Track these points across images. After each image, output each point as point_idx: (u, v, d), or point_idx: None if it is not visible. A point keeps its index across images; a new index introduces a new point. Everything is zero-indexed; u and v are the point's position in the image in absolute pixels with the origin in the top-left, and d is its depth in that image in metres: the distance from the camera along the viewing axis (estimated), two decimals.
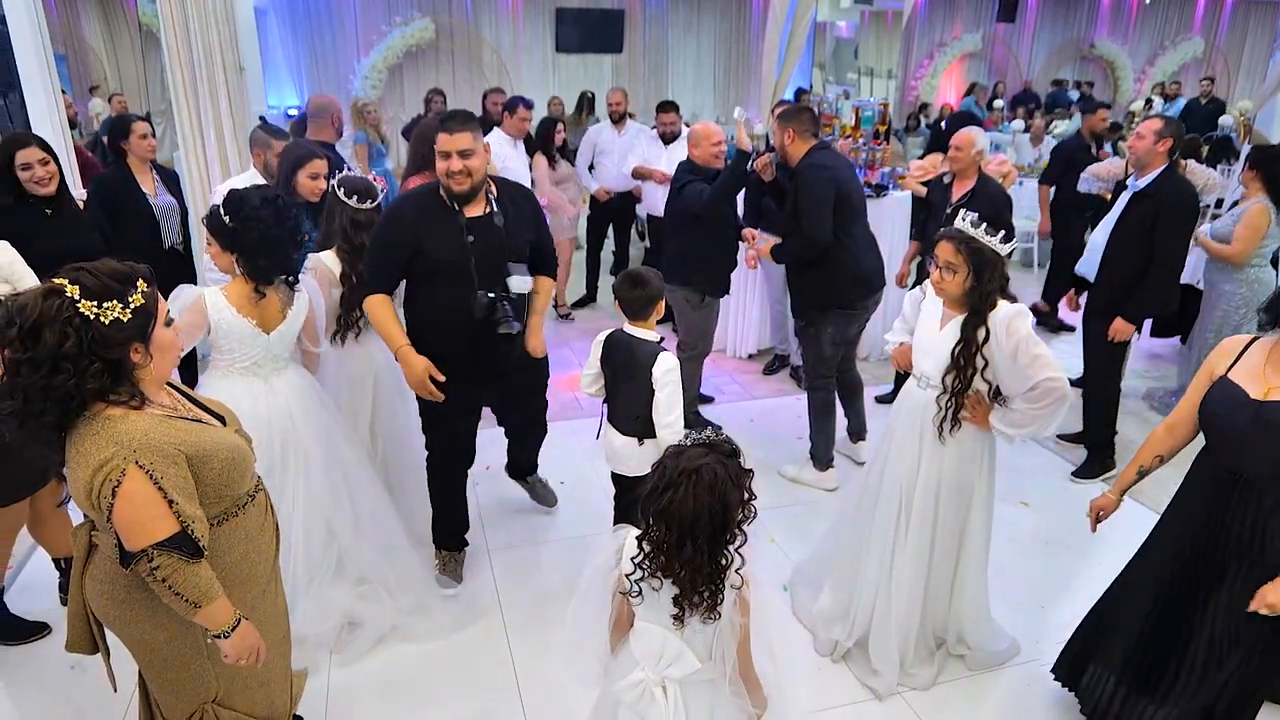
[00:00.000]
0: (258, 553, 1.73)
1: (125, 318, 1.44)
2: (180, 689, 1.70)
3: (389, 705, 2.40)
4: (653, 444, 2.48)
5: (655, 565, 1.48)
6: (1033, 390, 2.18)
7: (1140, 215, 3.42)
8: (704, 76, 11.20)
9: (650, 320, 2.47)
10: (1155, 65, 12.92)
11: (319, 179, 3.06)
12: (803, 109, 3.68)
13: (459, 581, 2.86)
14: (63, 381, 1.40)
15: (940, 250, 2.23)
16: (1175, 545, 2.05)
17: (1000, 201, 3.82)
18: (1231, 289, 3.99)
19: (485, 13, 10.03)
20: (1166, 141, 3.40)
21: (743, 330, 5.15)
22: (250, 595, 1.72)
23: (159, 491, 1.46)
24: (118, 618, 1.62)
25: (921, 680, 2.48)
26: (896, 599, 2.44)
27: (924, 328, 2.39)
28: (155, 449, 1.46)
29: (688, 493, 1.41)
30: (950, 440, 2.33)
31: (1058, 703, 2.45)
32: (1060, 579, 3.03)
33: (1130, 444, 4.05)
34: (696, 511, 1.41)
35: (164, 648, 1.65)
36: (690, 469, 1.43)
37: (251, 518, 1.70)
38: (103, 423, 1.46)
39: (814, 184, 3.29)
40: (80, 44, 9.54)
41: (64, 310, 1.39)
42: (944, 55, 11.93)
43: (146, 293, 1.49)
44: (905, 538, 2.42)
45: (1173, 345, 5.25)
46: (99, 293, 1.42)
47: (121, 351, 1.45)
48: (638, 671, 1.58)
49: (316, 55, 9.61)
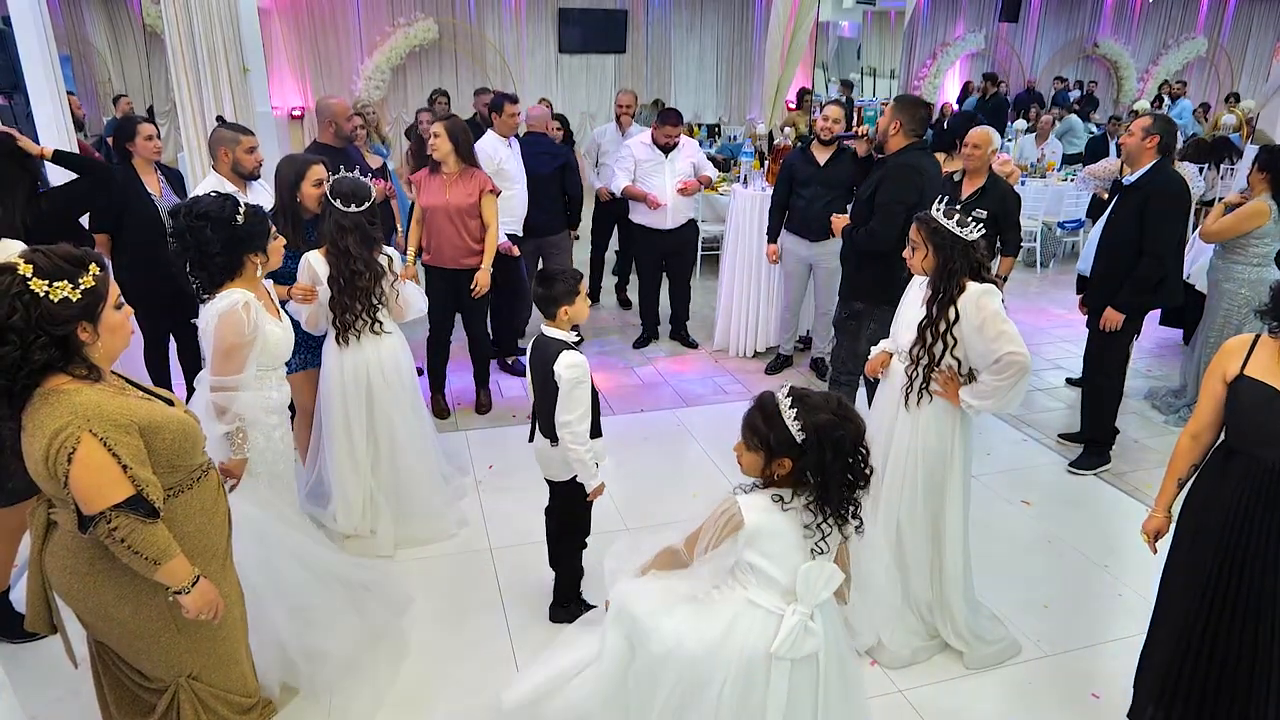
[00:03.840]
0: (213, 526, 1.82)
1: (74, 297, 1.53)
2: (151, 659, 1.78)
3: (391, 704, 2.40)
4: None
5: (818, 498, 1.61)
6: (996, 363, 2.31)
7: (1130, 208, 3.45)
8: (707, 77, 11.20)
9: (560, 320, 2.43)
10: (1159, 65, 12.89)
11: (322, 186, 3.01)
12: (920, 104, 3.62)
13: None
14: (7, 352, 1.49)
15: (910, 231, 2.44)
16: (1213, 555, 1.98)
17: (1010, 200, 3.87)
18: (1233, 289, 4.00)
19: (488, 13, 10.05)
20: (1154, 139, 3.43)
21: (745, 329, 5.15)
22: (212, 570, 1.79)
23: (113, 457, 1.53)
24: (80, 591, 1.68)
25: (896, 659, 2.53)
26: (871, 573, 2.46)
27: (908, 305, 2.55)
28: (107, 418, 1.54)
29: (837, 415, 1.60)
30: (922, 411, 2.44)
31: (1059, 702, 2.46)
32: (1062, 577, 3.03)
33: (1132, 443, 4.06)
34: (843, 433, 1.59)
35: (130, 619, 1.71)
36: (822, 397, 1.64)
37: (205, 492, 1.79)
38: (57, 395, 1.54)
39: (900, 186, 3.29)
40: (85, 45, 9.58)
41: (14, 286, 1.49)
42: (946, 55, 11.92)
43: (98, 276, 1.58)
44: (880, 507, 2.50)
45: (1175, 345, 5.26)
46: (50, 272, 1.52)
47: (68, 329, 1.54)
48: (791, 617, 1.62)
49: (320, 56, 9.63)
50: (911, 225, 2.42)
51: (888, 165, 3.35)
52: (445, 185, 3.86)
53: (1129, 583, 2.98)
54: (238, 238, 2.23)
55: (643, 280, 5.31)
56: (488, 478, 3.58)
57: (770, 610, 1.65)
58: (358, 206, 2.81)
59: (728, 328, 5.19)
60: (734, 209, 5.08)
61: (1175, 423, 4.28)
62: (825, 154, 4.34)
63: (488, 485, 3.52)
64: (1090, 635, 2.72)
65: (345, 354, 2.93)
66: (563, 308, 2.41)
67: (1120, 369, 3.78)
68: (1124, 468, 3.83)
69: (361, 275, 2.84)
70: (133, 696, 1.84)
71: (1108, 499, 3.59)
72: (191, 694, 1.82)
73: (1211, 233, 4.00)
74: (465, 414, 4.24)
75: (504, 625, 2.73)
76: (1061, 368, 5.05)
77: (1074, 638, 2.70)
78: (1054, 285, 6.84)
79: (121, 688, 1.84)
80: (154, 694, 1.82)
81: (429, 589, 2.87)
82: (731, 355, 5.18)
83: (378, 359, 2.97)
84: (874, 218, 3.30)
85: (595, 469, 2.48)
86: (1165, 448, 4.06)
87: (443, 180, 3.87)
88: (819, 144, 4.39)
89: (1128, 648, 2.65)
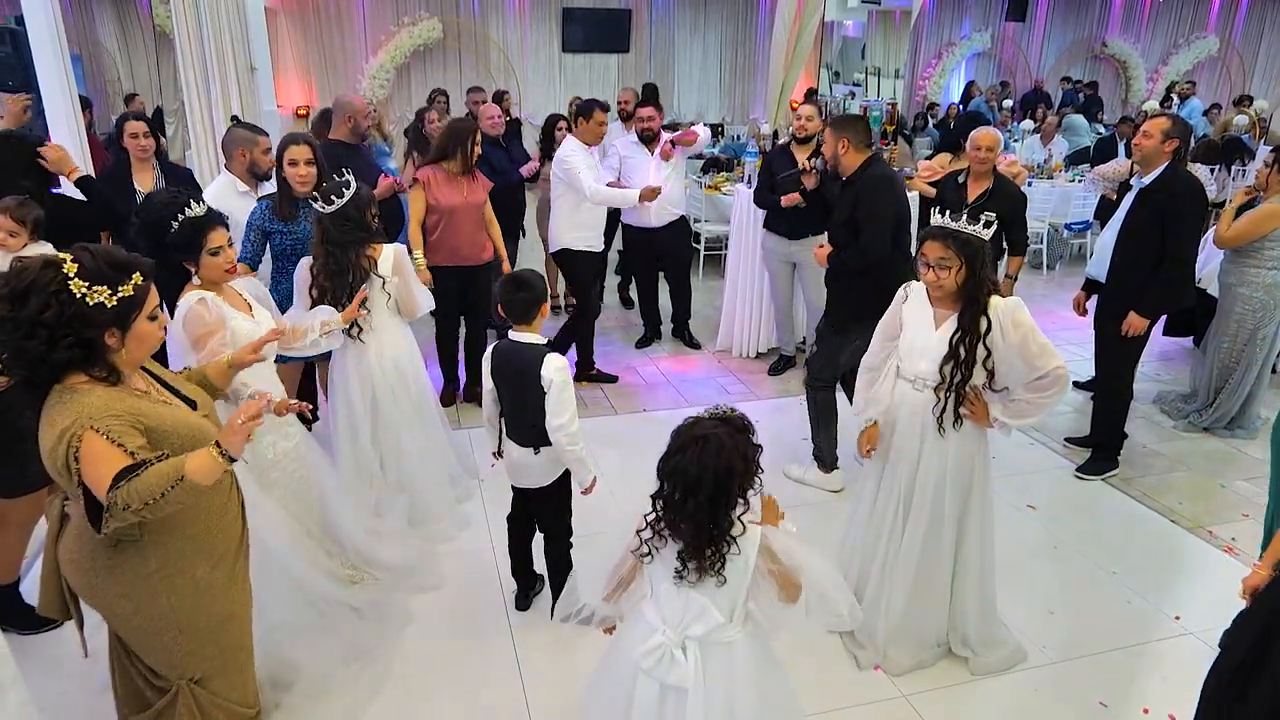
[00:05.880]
0: (220, 529, 1.78)
1: (110, 303, 1.53)
2: (155, 657, 1.78)
3: (393, 703, 2.40)
4: (549, 452, 2.45)
5: (662, 524, 1.61)
6: (1041, 379, 2.23)
7: (1147, 212, 3.39)
8: (710, 77, 11.17)
9: (535, 324, 2.41)
10: (1169, 64, 12.80)
11: (298, 165, 3.06)
12: (857, 117, 3.63)
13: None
14: (34, 346, 1.48)
15: (929, 250, 2.24)
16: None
17: (1019, 202, 3.88)
18: (1247, 293, 3.95)
19: (492, 13, 10.05)
20: (1173, 142, 3.38)
21: (748, 330, 5.13)
22: (219, 574, 1.76)
23: (117, 446, 1.50)
24: (87, 586, 1.69)
25: (898, 665, 2.50)
26: (894, 592, 2.46)
27: (914, 331, 2.38)
28: (112, 417, 1.53)
29: (694, 456, 1.56)
30: (950, 436, 2.33)
31: (1066, 709, 2.43)
32: (1069, 583, 3.01)
33: (1140, 448, 4.02)
34: (699, 473, 1.55)
35: (132, 617, 1.71)
36: (700, 435, 1.59)
37: (214, 495, 1.74)
38: (71, 393, 1.54)
39: (880, 198, 3.27)
40: (95, 45, 9.63)
41: (54, 283, 1.48)
42: (952, 55, 11.86)
43: (139, 285, 1.58)
44: (905, 538, 2.43)
45: (1184, 349, 5.21)
46: (93, 274, 1.51)
47: (97, 333, 1.53)
48: (657, 636, 1.65)
49: (325, 55, 9.66)
50: (930, 245, 2.23)
51: (861, 182, 3.30)
52: (459, 186, 3.90)
53: (1137, 589, 2.95)
54: (164, 244, 2.23)
55: (639, 280, 5.32)
56: (490, 476, 3.57)
57: (649, 622, 1.69)
58: (329, 206, 2.81)
59: (731, 328, 5.18)
60: (737, 209, 5.07)
61: (1184, 428, 4.24)
62: (804, 153, 4.35)
63: (490, 484, 3.50)
64: (1098, 642, 2.69)
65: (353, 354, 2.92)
66: (539, 311, 2.40)
67: (1130, 372, 3.74)
68: (1131, 473, 3.79)
69: (339, 277, 2.83)
70: (136, 690, 1.85)
71: (1115, 504, 3.56)
72: (191, 698, 1.80)
73: (1227, 238, 3.91)
74: (469, 411, 4.24)
75: (506, 624, 2.72)
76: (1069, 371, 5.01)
77: (1081, 644, 2.67)
78: (1060, 287, 6.80)
79: (129, 680, 1.85)
80: (158, 693, 1.82)
81: (432, 587, 2.86)
82: (734, 355, 5.17)
83: (378, 357, 2.97)
84: (862, 234, 3.27)
85: (591, 465, 2.48)
86: (1174, 453, 4.03)
87: (454, 181, 3.89)
88: (797, 143, 4.43)
89: (1135, 655, 2.64)
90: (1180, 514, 3.47)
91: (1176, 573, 3.07)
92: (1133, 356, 3.66)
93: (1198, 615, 2.78)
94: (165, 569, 1.68)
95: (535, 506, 2.63)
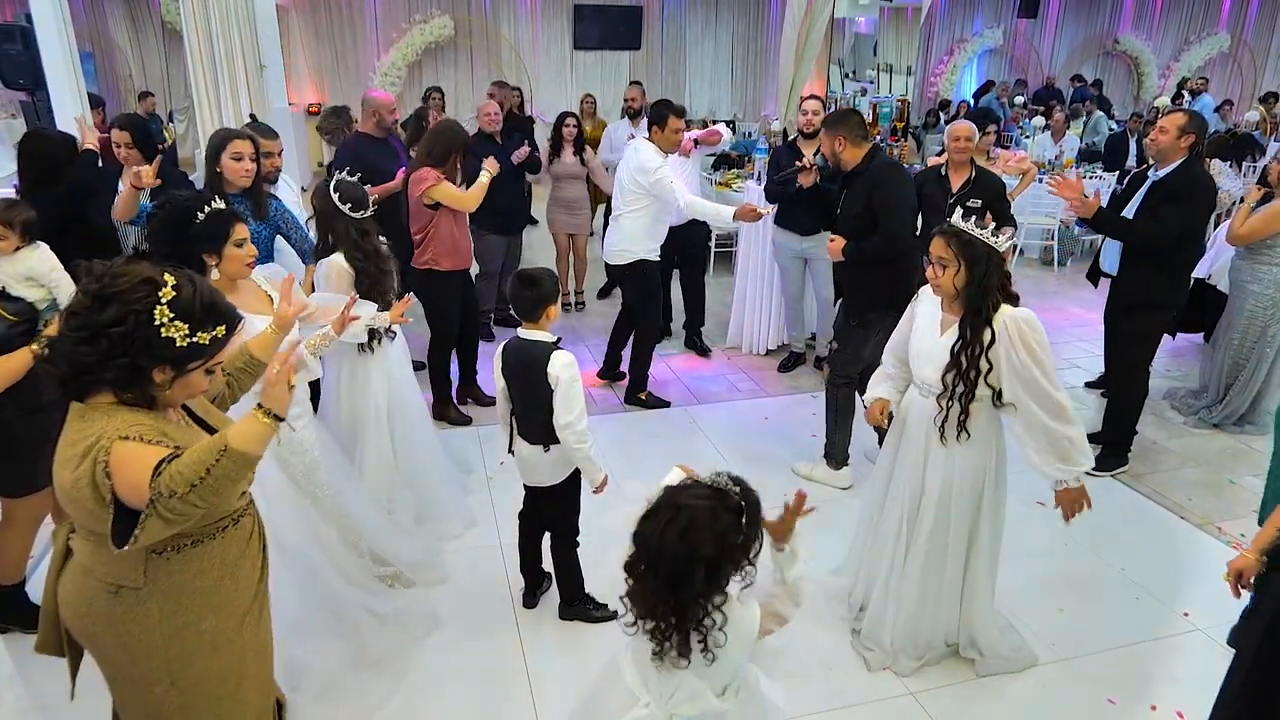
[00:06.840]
0: (233, 580, 1.62)
1: (181, 343, 1.42)
2: (142, 711, 1.62)
3: (401, 699, 2.41)
4: (559, 450, 2.44)
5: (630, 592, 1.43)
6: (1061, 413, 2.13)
7: (1158, 203, 3.39)
8: (721, 73, 11.17)
9: (543, 321, 2.40)
10: (1180, 60, 12.70)
11: (242, 160, 2.98)
12: (849, 113, 3.63)
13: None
14: (87, 353, 1.39)
15: (933, 246, 2.20)
16: None
17: (998, 188, 3.99)
18: (1258, 289, 3.94)
19: (504, 10, 10.07)
20: (1189, 137, 3.36)
21: (758, 327, 5.13)
22: (228, 625, 1.61)
23: (153, 445, 1.40)
24: (83, 631, 1.58)
25: (905, 669, 2.50)
26: (902, 599, 2.46)
27: (922, 333, 2.34)
28: (140, 425, 1.44)
29: (659, 528, 1.35)
30: (957, 448, 2.26)
31: (1075, 707, 2.43)
32: (1077, 581, 3.00)
33: (1150, 444, 4.00)
34: (660, 548, 1.35)
35: (127, 667, 1.58)
36: (676, 504, 1.37)
37: (231, 543, 1.61)
38: (99, 409, 1.44)
39: (896, 184, 3.31)
40: (107, 42, 9.70)
41: (140, 302, 1.39)
42: (964, 51, 11.80)
43: (218, 339, 1.48)
44: (911, 546, 2.41)
45: (1194, 344, 5.18)
46: (183, 309, 1.42)
47: (152, 364, 1.43)
48: (640, 708, 1.47)
49: (336, 53, 9.70)
50: (935, 242, 2.18)
51: (870, 172, 3.29)
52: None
53: (1145, 586, 2.94)
54: (188, 236, 2.18)
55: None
56: (499, 473, 3.58)
57: (628, 686, 1.52)
58: (365, 212, 2.84)
59: (741, 325, 5.18)
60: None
61: (1194, 424, 4.22)
62: (811, 147, 4.35)
63: (498, 481, 3.52)
64: (1106, 639, 2.68)
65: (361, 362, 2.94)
66: (548, 308, 2.40)
67: (1144, 366, 3.72)
68: (1142, 469, 3.78)
69: (389, 275, 2.91)
70: None
71: (1125, 501, 3.55)
72: None
73: (1240, 236, 3.91)
74: (475, 410, 4.25)
75: (513, 623, 2.73)
76: (1079, 368, 4.99)
77: (1090, 642, 2.67)
78: (1071, 284, 6.76)
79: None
80: None
81: (437, 586, 2.87)
82: (744, 353, 5.17)
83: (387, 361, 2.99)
84: (884, 223, 3.26)
85: (600, 464, 2.49)
86: (1184, 449, 4.01)
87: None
88: (803, 138, 4.45)
89: (1144, 652, 2.63)
90: (1190, 510, 3.46)
91: (1185, 569, 3.06)
92: (1148, 349, 3.65)
93: (1207, 612, 2.77)
94: (168, 622, 1.54)
95: (543, 505, 2.64)
